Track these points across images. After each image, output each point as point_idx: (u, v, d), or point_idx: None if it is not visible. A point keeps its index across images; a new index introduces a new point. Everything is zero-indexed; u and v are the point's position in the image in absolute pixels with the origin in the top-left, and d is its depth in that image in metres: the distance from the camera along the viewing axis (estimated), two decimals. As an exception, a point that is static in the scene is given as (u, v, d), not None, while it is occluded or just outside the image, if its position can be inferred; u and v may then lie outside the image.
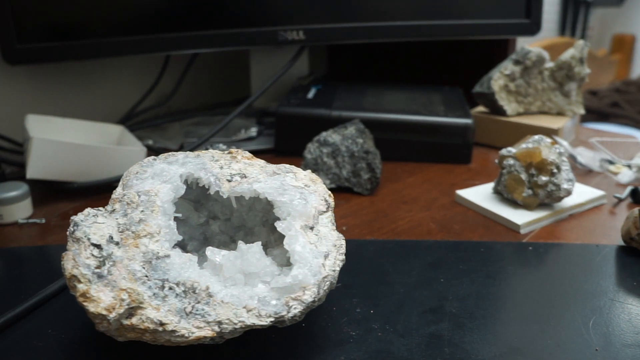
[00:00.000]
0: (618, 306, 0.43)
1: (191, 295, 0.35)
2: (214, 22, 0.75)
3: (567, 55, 0.78)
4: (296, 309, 0.35)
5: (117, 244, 0.36)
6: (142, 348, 0.38)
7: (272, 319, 0.34)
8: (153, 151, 0.76)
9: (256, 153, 0.77)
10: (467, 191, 0.63)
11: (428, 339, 0.39)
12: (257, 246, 0.38)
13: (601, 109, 1.74)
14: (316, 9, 0.78)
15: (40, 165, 0.59)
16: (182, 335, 0.33)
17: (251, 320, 0.34)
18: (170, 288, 0.35)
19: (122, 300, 0.33)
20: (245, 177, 0.42)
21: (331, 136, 0.64)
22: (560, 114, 0.81)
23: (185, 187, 0.41)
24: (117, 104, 0.88)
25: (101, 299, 0.33)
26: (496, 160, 0.61)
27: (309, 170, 0.45)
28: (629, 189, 0.62)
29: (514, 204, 0.59)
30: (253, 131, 0.81)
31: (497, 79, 0.78)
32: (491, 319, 0.42)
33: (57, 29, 0.70)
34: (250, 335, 0.39)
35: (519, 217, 0.56)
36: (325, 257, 0.38)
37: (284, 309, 0.35)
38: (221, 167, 0.42)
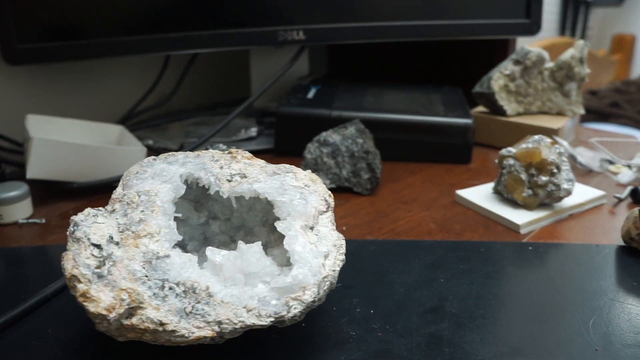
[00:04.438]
0: (618, 306, 0.43)
1: (191, 295, 0.35)
2: (214, 22, 0.75)
3: (567, 55, 0.78)
4: (296, 309, 0.35)
5: (117, 244, 0.36)
6: (142, 348, 0.38)
7: (272, 319, 0.34)
8: (153, 151, 0.76)
9: (256, 153, 0.77)
10: (467, 191, 0.63)
11: (428, 339, 0.39)
12: (257, 246, 0.38)
13: (601, 109, 1.74)
14: (316, 9, 0.78)
15: (40, 165, 0.59)
16: (182, 335, 0.33)
17: (251, 320, 0.34)
18: (170, 288, 0.35)
19: (122, 300, 0.33)
20: (245, 177, 0.42)
21: (331, 136, 0.64)
22: (560, 114, 0.81)
23: (185, 187, 0.41)
24: (117, 104, 0.88)
25: (101, 299, 0.33)
26: (496, 160, 0.61)
27: (309, 170, 0.45)
28: (629, 189, 0.62)
29: (514, 204, 0.59)
30: (253, 131, 0.81)
31: (497, 79, 0.78)
32: (491, 319, 0.42)
33: (57, 29, 0.70)
34: (250, 335, 0.39)
35: (519, 217, 0.56)
36: (325, 257, 0.38)
37: (284, 309, 0.35)
38: (221, 167, 0.42)
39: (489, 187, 0.64)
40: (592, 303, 0.43)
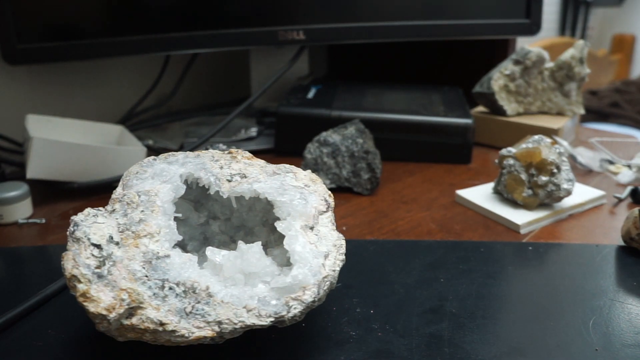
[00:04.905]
0: (618, 306, 0.43)
1: (191, 295, 0.35)
2: (214, 22, 0.75)
3: (567, 55, 0.78)
4: (296, 309, 0.35)
5: (117, 244, 0.36)
6: (142, 348, 0.38)
7: (272, 319, 0.34)
8: (153, 151, 0.76)
9: (256, 153, 0.77)
10: (467, 191, 0.63)
11: (428, 339, 0.39)
12: (257, 246, 0.38)
13: (601, 109, 1.74)
14: (316, 9, 0.78)
15: (40, 165, 0.59)
16: (182, 335, 0.33)
17: (251, 320, 0.34)
18: (170, 288, 0.35)
19: (122, 300, 0.33)
20: (245, 177, 0.42)
21: (331, 136, 0.64)
22: (560, 114, 0.81)
23: (185, 187, 0.41)
24: (117, 104, 0.88)
25: (101, 299, 0.33)
26: (496, 160, 0.61)
27: (309, 170, 0.45)
28: (629, 189, 0.62)
29: (514, 204, 0.59)
30: (253, 131, 0.81)
31: (497, 79, 0.78)
32: (491, 319, 0.42)
33: (57, 29, 0.70)
34: (250, 335, 0.39)
35: (519, 217, 0.56)
36: (325, 257, 0.38)
37: (284, 309, 0.35)
38: (221, 167, 0.42)
39: (489, 187, 0.64)
40: (592, 303, 0.43)
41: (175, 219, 0.40)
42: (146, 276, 0.35)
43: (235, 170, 0.42)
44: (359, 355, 0.38)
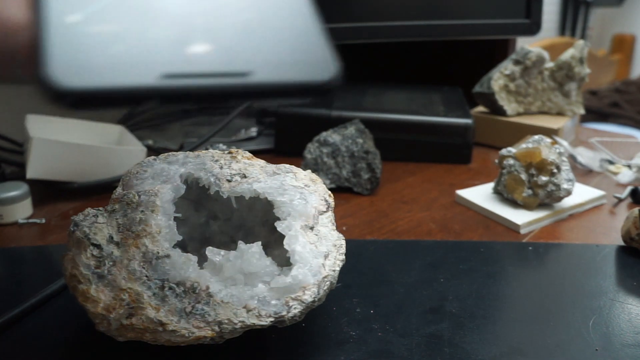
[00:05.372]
0: (618, 306, 0.43)
1: (191, 295, 0.35)
2: (214, 22, 0.75)
3: (567, 55, 0.78)
4: (296, 309, 0.35)
5: (117, 244, 0.36)
6: (142, 348, 0.38)
7: (272, 319, 0.34)
8: (153, 151, 0.76)
9: (256, 153, 0.76)
10: (467, 191, 0.63)
11: (428, 339, 0.39)
12: (257, 246, 0.38)
13: (601, 109, 1.74)
14: (316, 9, 0.78)
15: (40, 165, 0.59)
16: (182, 335, 0.33)
17: (251, 320, 0.34)
18: (170, 288, 0.35)
19: (122, 300, 0.33)
20: (245, 177, 0.42)
21: (331, 136, 0.64)
22: (560, 114, 0.81)
23: (185, 187, 0.41)
24: (117, 104, 0.88)
25: (101, 299, 0.33)
26: (496, 160, 0.61)
27: (309, 170, 0.45)
28: (629, 189, 0.62)
29: (514, 204, 0.59)
30: (253, 131, 0.81)
31: (497, 79, 0.78)
32: (491, 319, 0.42)
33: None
34: (250, 335, 0.39)
35: (519, 217, 0.56)
36: (325, 257, 0.38)
37: (284, 309, 0.35)
38: (221, 167, 0.42)
39: (489, 187, 0.64)
40: (592, 303, 0.43)
41: (175, 219, 0.40)
42: (146, 276, 0.35)
43: (235, 170, 0.42)
44: (359, 355, 0.38)
